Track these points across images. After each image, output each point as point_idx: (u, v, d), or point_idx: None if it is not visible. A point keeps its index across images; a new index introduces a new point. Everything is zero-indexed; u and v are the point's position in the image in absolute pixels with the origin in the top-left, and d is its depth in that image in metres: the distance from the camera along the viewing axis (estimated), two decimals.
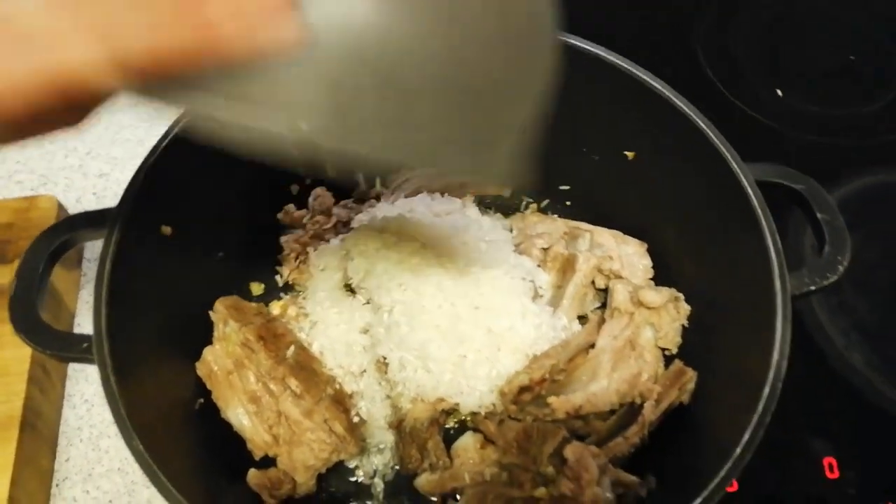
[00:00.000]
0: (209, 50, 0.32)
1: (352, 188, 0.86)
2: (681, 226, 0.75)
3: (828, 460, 0.77)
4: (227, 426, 0.67)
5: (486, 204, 0.88)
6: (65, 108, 0.33)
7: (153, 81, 0.33)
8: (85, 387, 0.79)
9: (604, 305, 0.78)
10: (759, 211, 0.63)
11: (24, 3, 0.30)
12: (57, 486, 0.73)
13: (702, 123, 0.67)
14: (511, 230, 0.83)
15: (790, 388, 0.60)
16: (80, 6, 0.30)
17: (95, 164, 0.95)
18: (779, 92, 1.04)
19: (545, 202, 0.88)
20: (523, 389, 0.66)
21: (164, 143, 0.65)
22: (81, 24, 0.30)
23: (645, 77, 0.69)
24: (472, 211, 0.82)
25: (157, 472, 0.52)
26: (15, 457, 0.67)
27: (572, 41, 0.71)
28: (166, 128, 0.65)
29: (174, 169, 0.65)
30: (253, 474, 0.65)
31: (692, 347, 0.73)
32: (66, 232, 0.64)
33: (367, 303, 0.75)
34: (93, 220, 0.64)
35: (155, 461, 0.52)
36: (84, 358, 0.57)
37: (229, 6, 0.31)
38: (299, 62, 0.35)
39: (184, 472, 0.57)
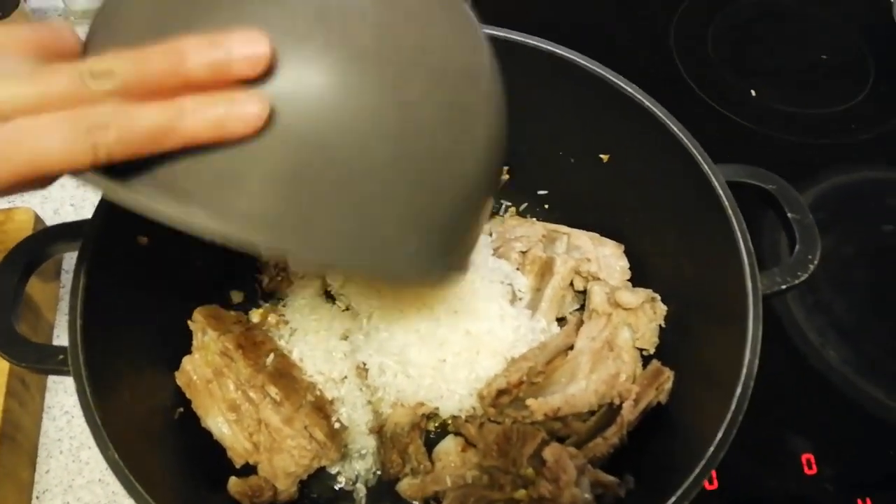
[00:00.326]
0: (176, 134, 0.36)
1: None
2: (656, 227, 0.76)
3: (806, 456, 0.78)
4: (208, 435, 0.67)
5: None
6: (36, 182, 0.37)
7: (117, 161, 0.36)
8: (65, 398, 0.79)
9: (582, 307, 0.79)
10: (730, 211, 0.64)
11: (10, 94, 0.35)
12: (37, 498, 0.73)
13: (673, 126, 0.68)
14: (490, 234, 0.84)
15: (767, 387, 0.61)
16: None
17: None
18: (752, 92, 1.05)
19: (524, 205, 0.88)
20: (501, 392, 0.67)
21: None
22: (65, 124, 0.35)
23: (617, 81, 0.70)
24: None
25: (133, 483, 0.52)
26: None
27: (546, 46, 0.72)
28: None
29: None
30: (234, 482, 0.65)
31: (669, 347, 0.74)
32: (42, 244, 0.64)
33: (347, 309, 0.76)
34: (68, 232, 0.64)
35: (132, 472, 0.52)
36: (60, 370, 0.57)
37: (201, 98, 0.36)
38: (254, 160, 0.37)
39: (163, 482, 0.57)
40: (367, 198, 0.41)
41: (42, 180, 0.37)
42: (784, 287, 0.64)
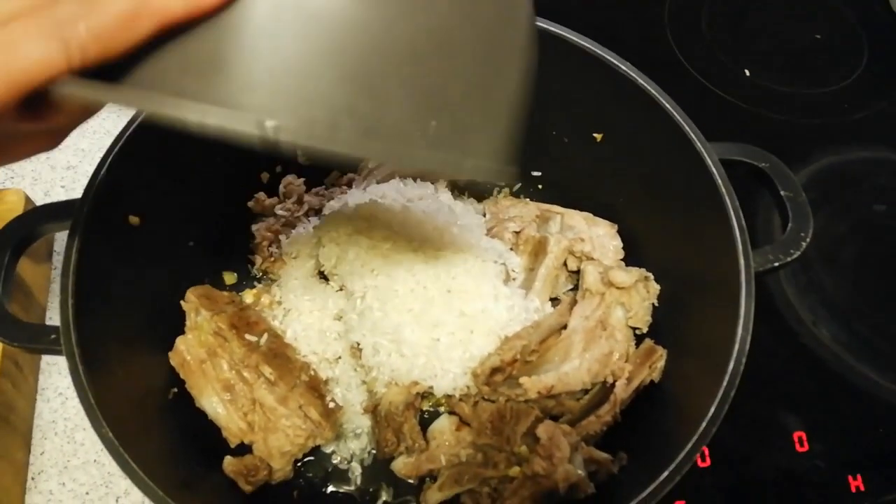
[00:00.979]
0: (147, 13, 0.34)
1: (325, 174, 0.86)
2: (649, 206, 0.76)
3: (797, 434, 0.79)
4: (202, 415, 0.67)
5: (460, 189, 0.88)
6: (37, 123, 0.37)
7: (105, 60, 0.35)
8: (58, 380, 0.78)
9: (576, 287, 0.79)
10: (723, 189, 0.64)
11: None
12: (32, 479, 0.73)
13: (666, 104, 0.68)
14: (484, 214, 0.84)
15: (760, 365, 0.61)
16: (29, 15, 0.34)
17: (63, 157, 0.94)
18: (746, 72, 1.05)
19: (517, 186, 0.88)
20: (495, 370, 0.67)
21: (128, 132, 0.64)
22: (32, 28, 0.34)
23: (610, 58, 0.70)
24: (445, 196, 0.83)
25: (128, 462, 0.52)
26: None
27: (539, 23, 0.71)
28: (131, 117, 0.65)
29: (140, 158, 0.64)
30: (229, 462, 0.66)
31: (662, 326, 0.74)
32: (31, 224, 0.63)
33: (340, 289, 0.76)
34: (57, 212, 0.63)
35: (127, 450, 0.52)
36: (52, 349, 0.57)
37: None
38: (262, 50, 0.35)
39: (158, 461, 0.57)
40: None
41: (30, 99, 0.35)
42: (777, 264, 0.64)
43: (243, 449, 0.67)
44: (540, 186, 0.88)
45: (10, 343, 0.57)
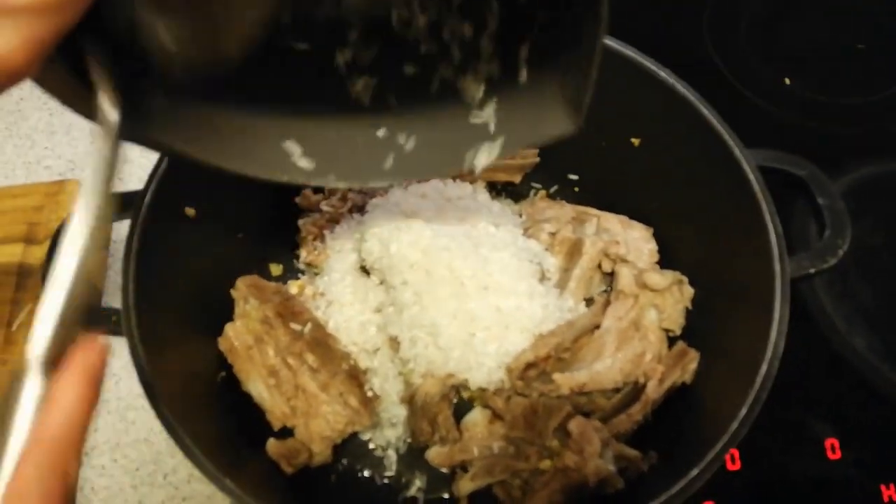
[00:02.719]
0: None
1: None
2: (685, 210, 0.77)
3: (830, 441, 0.79)
4: (248, 398, 0.71)
5: (497, 190, 0.90)
6: None
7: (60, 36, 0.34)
8: (112, 361, 0.81)
9: (609, 289, 0.80)
10: (760, 195, 0.65)
11: None
12: (86, 454, 0.77)
13: (705, 110, 0.69)
14: (520, 215, 0.86)
15: (793, 372, 0.62)
16: None
17: (120, 150, 0.98)
18: (786, 80, 1.05)
19: (554, 188, 0.90)
20: (529, 366, 0.69)
21: None
22: None
23: (650, 65, 0.72)
24: (483, 196, 0.85)
25: (181, 436, 0.55)
26: None
27: None
28: None
29: None
30: (272, 444, 0.69)
31: (695, 329, 0.75)
32: None
33: (381, 283, 0.78)
34: (121, 202, 0.67)
35: (180, 427, 0.56)
36: (112, 331, 0.60)
37: None
38: None
39: (207, 440, 0.60)
40: None
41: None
42: (812, 271, 0.65)
43: (285, 432, 0.70)
44: (576, 189, 0.89)
45: None
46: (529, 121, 0.56)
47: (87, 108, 0.43)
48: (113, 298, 0.86)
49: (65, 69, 0.40)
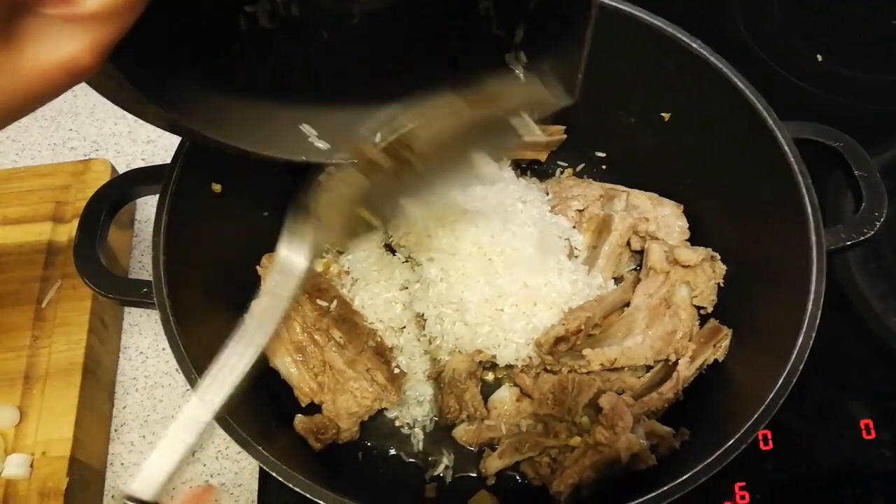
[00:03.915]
0: None
1: None
2: (717, 185, 0.75)
3: (864, 422, 0.77)
4: (275, 374, 0.71)
5: (522, 168, 0.89)
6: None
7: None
8: (139, 340, 0.83)
9: (639, 267, 0.79)
10: (796, 166, 0.64)
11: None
12: (115, 431, 0.77)
13: (738, 81, 0.68)
14: (547, 193, 0.85)
15: (827, 352, 0.61)
16: None
17: (144, 131, 0.98)
18: (819, 57, 1.02)
19: (580, 166, 0.88)
20: (559, 340, 0.68)
21: None
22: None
23: (681, 36, 0.70)
24: (509, 174, 0.84)
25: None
26: (78, 400, 0.71)
27: (608, 2, 0.72)
28: None
29: None
30: (300, 420, 0.68)
31: (727, 306, 0.74)
32: (124, 187, 0.67)
33: (406, 261, 0.78)
34: (147, 176, 0.67)
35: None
36: (143, 302, 0.61)
37: None
38: None
39: (236, 415, 0.60)
40: None
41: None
42: (849, 243, 0.63)
43: (313, 408, 0.70)
44: (604, 167, 0.88)
45: (106, 295, 0.61)
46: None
47: (127, 101, 0.45)
48: (139, 277, 0.86)
49: (112, 69, 0.41)
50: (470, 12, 0.54)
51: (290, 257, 0.52)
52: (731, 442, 0.55)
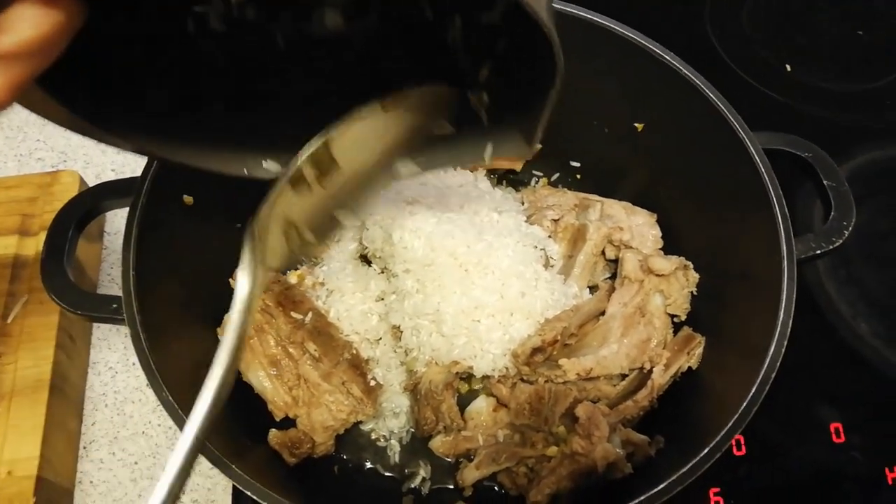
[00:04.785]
0: None
1: None
2: (689, 195, 0.76)
3: (834, 426, 0.79)
4: (249, 389, 0.70)
5: (498, 178, 0.89)
6: None
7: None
8: (108, 354, 0.81)
9: (614, 276, 0.80)
10: (766, 177, 0.65)
11: None
12: (84, 448, 0.75)
13: (709, 92, 0.68)
14: (522, 203, 0.85)
15: (798, 358, 0.62)
16: None
17: None
18: (788, 67, 1.04)
19: (555, 176, 0.89)
20: (536, 350, 0.68)
21: None
22: None
23: (653, 47, 0.71)
24: (484, 184, 0.84)
25: (185, 421, 0.54)
26: (45, 418, 0.69)
27: (582, 13, 0.72)
28: None
29: None
30: (274, 434, 0.68)
31: (700, 314, 0.75)
32: (93, 200, 0.66)
33: (382, 272, 0.77)
34: (117, 189, 0.66)
35: (184, 413, 0.55)
36: (113, 318, 0.59)
37: None
38: None
39: (210, 431, 0.59)
40: None
41: None
42: (818, 252, 0.65)
43: (287, 423, 0.69)
44: (578, 177, 0.89)
45: (74, 311, 0.60)
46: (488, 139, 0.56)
47: (57, 116, 0.44)
48: (108, 291, 0.85)
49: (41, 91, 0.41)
50: (438, 40, 0.52)
51: (240, 280, 0.51)
52: (706, 450, 0.56)
